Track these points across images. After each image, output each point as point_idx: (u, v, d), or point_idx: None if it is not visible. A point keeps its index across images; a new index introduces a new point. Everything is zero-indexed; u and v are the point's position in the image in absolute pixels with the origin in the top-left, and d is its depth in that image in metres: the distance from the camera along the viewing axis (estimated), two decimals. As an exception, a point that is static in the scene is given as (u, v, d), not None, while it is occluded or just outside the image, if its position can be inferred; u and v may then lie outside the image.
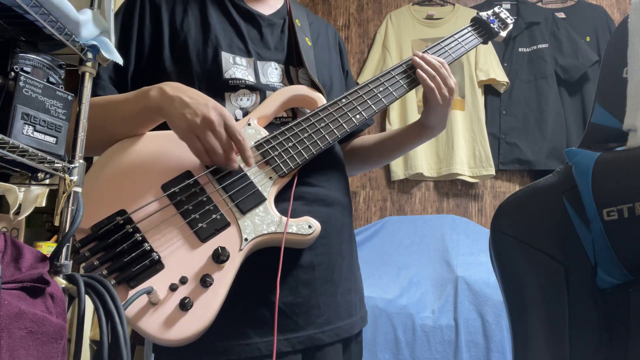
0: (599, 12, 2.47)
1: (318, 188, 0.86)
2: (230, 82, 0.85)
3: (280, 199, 0.81)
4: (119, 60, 0.64)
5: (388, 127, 2.51)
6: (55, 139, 0.55)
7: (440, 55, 0.97)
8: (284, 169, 0.80)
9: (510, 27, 1.08)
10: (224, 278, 0.71)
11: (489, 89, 2.49)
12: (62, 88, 0.57)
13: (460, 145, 2.40)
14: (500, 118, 2.45)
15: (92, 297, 0.55)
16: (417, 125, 1.01)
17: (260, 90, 0.87)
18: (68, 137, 0.58)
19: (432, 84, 0.90)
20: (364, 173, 2.57)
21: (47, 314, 0.49)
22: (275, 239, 0.76)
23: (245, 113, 0.86)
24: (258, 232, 0.75)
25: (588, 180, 0.87)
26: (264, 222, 0.76)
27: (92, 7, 0.60)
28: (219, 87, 0.85)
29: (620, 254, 0.85)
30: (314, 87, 0.91)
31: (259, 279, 0.77)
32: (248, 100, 0.86)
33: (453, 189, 2.50)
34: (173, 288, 0.69)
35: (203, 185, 0.77)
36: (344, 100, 0.88)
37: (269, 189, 0.79)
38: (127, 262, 0.69)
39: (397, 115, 2.52)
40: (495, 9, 1.09)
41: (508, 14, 1.09)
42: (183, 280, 0.69)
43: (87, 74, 0.61)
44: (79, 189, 0.59)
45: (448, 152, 2.42)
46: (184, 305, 0.67)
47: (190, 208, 0.75)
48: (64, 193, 0.57)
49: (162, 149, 0.79)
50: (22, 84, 0.52)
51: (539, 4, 2.56)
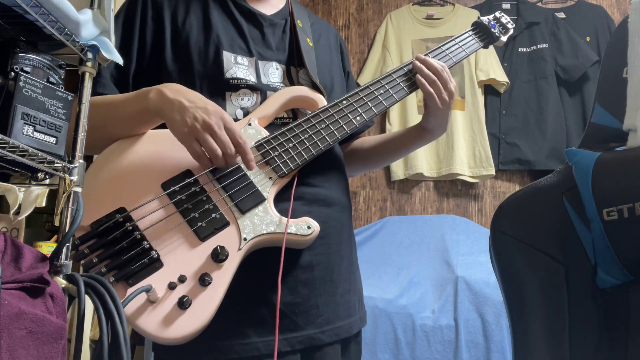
0: (599, 12, 2.47)
1: (318, 188, 0.86)
2: (232, 81, 0.85)
3: (280, 199, 0.81)
4: (119, 60, 0.64)
5: (388, 127, 2.51)
6: (55, 139, 0.55)
7: (441, 59, 0.97)
8: (284, 170, 0.80)
9: (511, 32, 1.09)
10: (223, 277, 0.71)
11: (489, 89, 2.49)
12: (62, 88, 0.57)
13: (460, 145, 2.40)
14: (500, 118, 2.45)
15: (92, 297, 0.55)
16: (417, 128, 1.01)
17: (261, 91, 0.87)
18: (68, 137, 0.58)
19: (431, 90, 0.90)
20: (364, 173, 2.57)
21: (47, 314, 0.49)
22: (274, 239, 0.76)
23: (246, 113, 0.86)
24: (257, 232, 0.75)
25: (588, 180, 0.87)
26: (263, 222, 0.76)
27: (92, 7, 0.60)
28: (220, 86, 0.85)
29: (620, 254, 0.85)
30: (315, 88, 0.91)
31: (258, 279, 0.77)
32: (249, 100, 0.86)
33: (453, 189, 2.50)
34: (172, 286, 0.69)
35: (203, 185, 0.77)
36: (345, 102, 0.88)
37: (269, 189, 0.79)
38: (126, 259, 0.69)
39: (397, 116, 2.52)
40: (496, 14, 1.09)
41: (509, 19, 1.09)
42: (182, 279, 0.69)
43: (87, 74, 0.61)
44: (79, 189, 0.59)
45: (448, 152, 2.41)
46: (183, 304, 0.67)
47: (190, 207, 0.75)
48: (64, 193, 0.57)
49: (162, 148, 0.79)
50: (22, 84, 0.52)
51: (539, 4, 2.56)
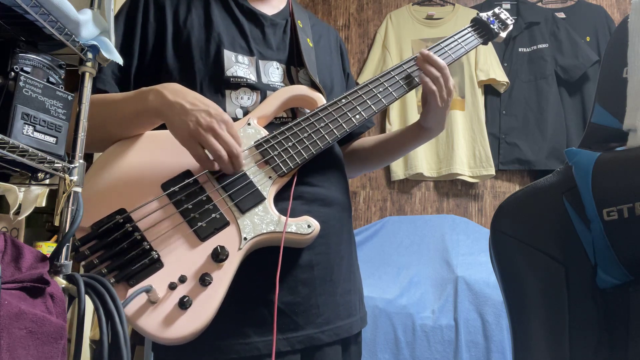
0: (599, 12, 2.47)
1: (317, 188, 0.86)
2: (232, 80, 0.85)
3: (280, 199, 0.81)
4: (119, 60, 0.64)
5: (388, 127, 2.51)
6: (55, 139, 0.55)
7: (441, 56, 0.96)
8: (284, 169, 0.80)
9: (510, 28, 1.09)
10: (223, 277, 0.71)
11: (489, 89, 2.49)
12: (62, 88, 0.57)
13: (460, 145, 2.40)
14: (500, 118, 2.45)
15: (92, 297, 0.55)
16: (415, 127, 1.01)
17: (261, 90, 0.87)
18: (68, 137, 0.58)
19: (434, 87, 0.90)
20: (364, 173, 2.57)
21: (47, 314, 0.49)
22: (275, 239, 0.76)
23: (246, 112, 0.86)
24: (257, 231, 0.75)
25: (588, 180, 0.87)
26: (263, 221, 0.76)
27: (92, 7, 0.60)
28: (220, 84, 0.85)
29: (620, 254, 0.85)
30: (314, 87, 0.91)
31: (258, 279, 0.77)
32: (248, 99, 0.86)
33: (453, 189, 2.50)
34: (172, 287, 0.69)
35: (202, 185, 0.77)
36: (344, 101, 0.88)
37: (269, 189, 0.79)
38: (126, 260, 0.69)
39: (397, 115, 2.52)
40: (496, 10, 1.09)
41: (508, 15, 1.09)
42: (182, 279, 0.69)
43: (87, 74, 0.61)
44: (79, 189, 0.59)
45: (448, 152, 2.41)
46: (183, 304, 0.67)
47: (190, 207, 0.75)
48: (64, 193, 0.57)
49: (161, 149, 0.79)
50: (22, 84, 0.52)
51: (539, 4, 2.56)
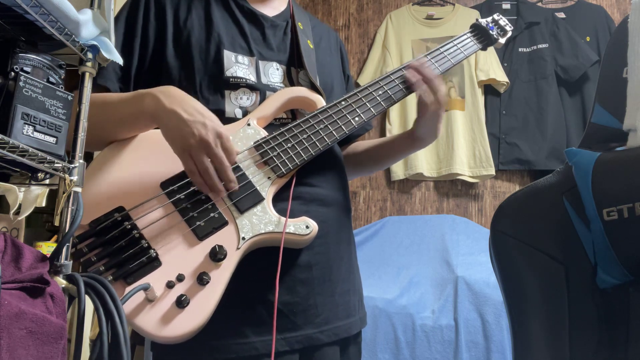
0: (599, 12, 2.47)
1: (316, 188, 0.86)
2: (231, 80, 0.85)
3: (279, 199, 0.81)
4: (119, 60, 0.64)
5: (388, 127, 2.51)
6: (55, 139, 0.55)
7: (440, 61, 0.97)
8: (283, 170, 0.80)
9: (509, 34, 1.10)
10: (221, 276, 0.71)
11: (489, 89, 2.49)
12: (62, 88, 0.58)
13: (460, 145, 2.40)
14: (500, 118, 2.45)
15: (92, 297, 0.55)
16: (408, 136, 1.01)
17: (260, 91, 0.87)
18: (68, 137, 0.58)
19: (425, 98, 0.89)
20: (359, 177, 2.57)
21: (47, 314, 0.49)
22: (273, 239, 0.76)
23: (245, 112, 0.86)
24: (255, 231, 0.75)
25: (588, 180, 0.87)
26: (262, 221, 0.76)
27: (92, 7, 0.60)
28: (220, 84, 0.85)
29: (620, 254, 0.85)
30: (314, 89, 0.91)
31: (256, 279, 0.77)
32: (248, 100, 0.86)
33: (453, 189, 2.50)
34: (170, 285, 0.69)
35: (202, 185, 0.77)
36: (343, 103, 0.88)
37: (267, 189, 0.79)
38: (124, 258, 0.69)
39: (397, 116, 2.52)
40: (495, 16, 1.10)
41: (507, 22, 1.10)
42: (180, 278, 0.70)
43: (87, 74, 0.61)
44: (79, 189, 0.59)
45: (448, 152, 2.41)
46: (181, 303, 0.67)
47: (189, 206, 0.75)
48: (64, 193, 0.57)
49: (160, 147, 0.79)
50: (22, 84, 0.52)
51: (539, 4, 2.56)
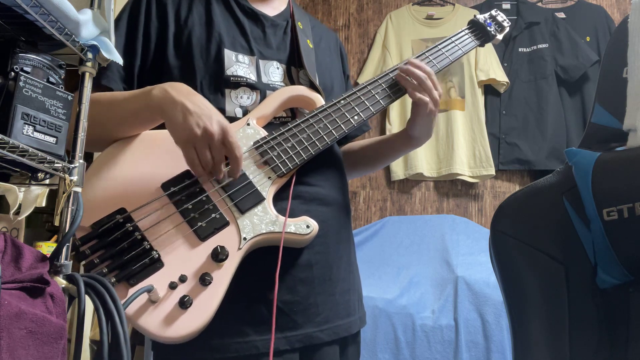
0: (599, 12, 2.47)
1: (316, 188, 0.86)
2: (232, 79, 0.85)
3: (279, 199, 0.81)
4: (119, 60, 0.64)
5: (388, 127, 2.51)
6: (55, 139, 0.55)
7: (437, 58, 0.97)
8: (283, 169, 0.80)
9: (507, 30, 1.10)
10: (223, 277, 0.71)
11: (489, 89, 2.49)
12: (62, 88, 0.58)
13: (460, 145, 2.40)
14: (500, 118, 2.45)
15: (92, 297, 0.55)
16: (402, 135, 1.01)
17: (261, 90, 0.88)
18: (68, 137, 0.58)
19: (418, 95, 0.88)
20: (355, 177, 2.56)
21: (47, 314, 0.49)
22: (274, 239, 0.76)
23: (245, 111, 0.86)
24: (257, 231, 0.75)
25: (588, 180, 0.87)
26: (263, 221, 0.76)
27: (92, 7, 0.60)
28: (220, 83, 0.85)
29: (620, 254, 0.85)
30: (313, 88, 0.91)
31: (257, 278, 0.77)
32: (248, 99, 0.87)
33: (453, 189, 2.50)
34: (172, 286, 0.69)
35: (202, 185, 0.77)
36: (342, 102, 0.89)
37: (268, 189, 0.79)
38: (127, 260, 0.69)
39: (397, 115, 2.52)
40: (492, 12, 1.10)
41: (505, 17, 1.10)
42: (182, 279, 0.70)
43: (87, 74, 0.61)
44: (79, 189, 0.59)
45: (448, 152, 2.41)
46: (184, 304, 0.67)
47: (190, 207, 0.75)
48: (64, 193, 0.57)
49: (161, 149, 0.79)
50: (22, 84, 0.52)
51: (539, 4, 2.56)
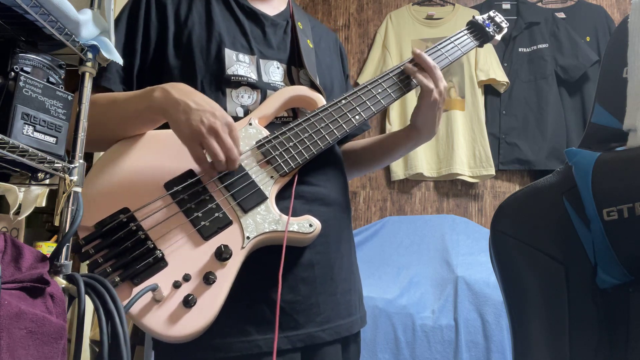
0: (599, 12, 2.47)
1: (317, 187, 0.86)
2: (232, 78, 0.85)
3: (280, 198, 0.81)
4: (119, 60, 0.64)
5: (388, 127, 2.51)
6: (55, 139, 0.55)
7: (437, 58, 0.97)
8: (285, 168, 0.80)
9: (505, 31, 1.11)
10: (227, 275, 0.71)
11: (489, 89, 2.49)
12: (62, 88, 0.57)
13: (460, 145, 2.40)
14: (500, 118, 2.45)
15: (92, 297, 0.55)
16: (405, 129, 1.01)
17: (262, 89, 0.88)
18: (68, 137, 0.58)
19: (425, 81, 0.90)
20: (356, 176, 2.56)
21: (47, 314, 0.49)
22: (277, 237, 0.76)
23: (246, 110, 0.86)
24: (260, 230, 0.75)
25: (588, 180, 0.87)
26: (266, 220, 0.76)
27: (92, 7, 0.60)
28: (221, 83, 0.85)
29: (620, 254, 0.85)
30: (314, 88, 0.91)
31: (259, 277, 0.77)
32: (249, 98, 0.87)
33: (453, 189, 2.50)
34: (177, 285, 0.69)
35: (205, 184, 0.77)
36: (343, 101, 0.89)
37: (270, 188, 0.79)
38: (131, 259, 0.70)
39: (397, 116, 2.52)
40: (491, 13, 1.11)
41: (503, 18, 1.11)
42: (186, 278, 0.70)
43: (87, 74, 0.61)
44: (79, 189, 0.59)
45: (448, 152, 2.41)
46: (188, 302, 0.68)
47: (193, 206, 0.75)
48: (64, 193, 0.57)
49: (164, 148, 0.79)
50: (22, 84, 0.52)
51: (539, 4, 2.56)
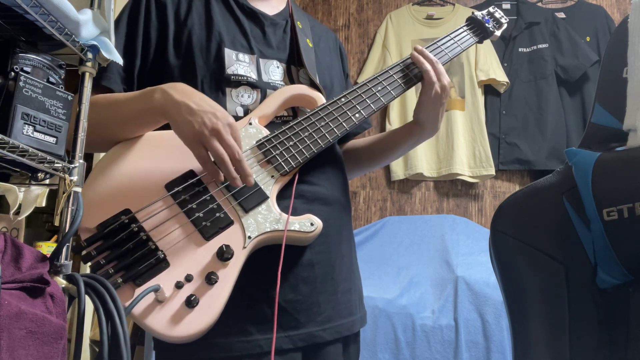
0: (599, 12, 2.47)
1: (318, 187, 0.86)
2: (232, 78, 0.85)
3: (281, 197, 0.81)
4: (119, 60, 0.64)
5: (388, 126, 2.51)
6: (55, 139, 0.55)
7: (437, 55, 0.97)
8: (286, 168, 0.80)
9: (505, 26, 1.10)
10: (229, 275, 0.71)
11: (489, 89, 2.49)
12: (62, 88, 0.57)
13: (460, 145, 2.40)
14: (500, 118, 2.45)
15: (92, 297, 0.55)
16: (407, 125, 1.02)
17: (261, 88, 0.88)
18: (68, 137, 0.58)
19: (432, 76, 0.91)
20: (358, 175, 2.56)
21: (47, 314, 0.49)
22: (278, 237, 0.76)
23: (246, 110, 0.86)
24: (261, 230, 0.75)
25: (588, 180, 0.87)
26: (267, 220, 0.76)
27: (92, 7, 0.60)
28: (221, 82, 0.85)
29: (620, 254, 0.85)
30: (314, 87, 0.91)
31: (260, 277, 0.77)
32: (249, 98, 0.87)
33: (453, 189, 2.50)
34: (179, 286, 0.69)
35: (206, 184, 0.77)
36: (344, 100, 0.89)
37: (271, 188, 0.79)
38: (133, 260, 0.70)
39: (397, 115, 2.52)
40: (490, 9, 1.10)
41: (502, 14, 1.10)
42: (188, 278, 0.70)
43: (87, 74, 0.61)
44: (79, 189, 0.59)
45: (448, 152, 2.41)
46: (190, 303, 0.68)
47: (194, 207, 0.75)
48: (64, 193, 0.57)
49: (165, 149, 0.79)
50: (22, 84, 0.52)
51: (539, 4, 2.56)
